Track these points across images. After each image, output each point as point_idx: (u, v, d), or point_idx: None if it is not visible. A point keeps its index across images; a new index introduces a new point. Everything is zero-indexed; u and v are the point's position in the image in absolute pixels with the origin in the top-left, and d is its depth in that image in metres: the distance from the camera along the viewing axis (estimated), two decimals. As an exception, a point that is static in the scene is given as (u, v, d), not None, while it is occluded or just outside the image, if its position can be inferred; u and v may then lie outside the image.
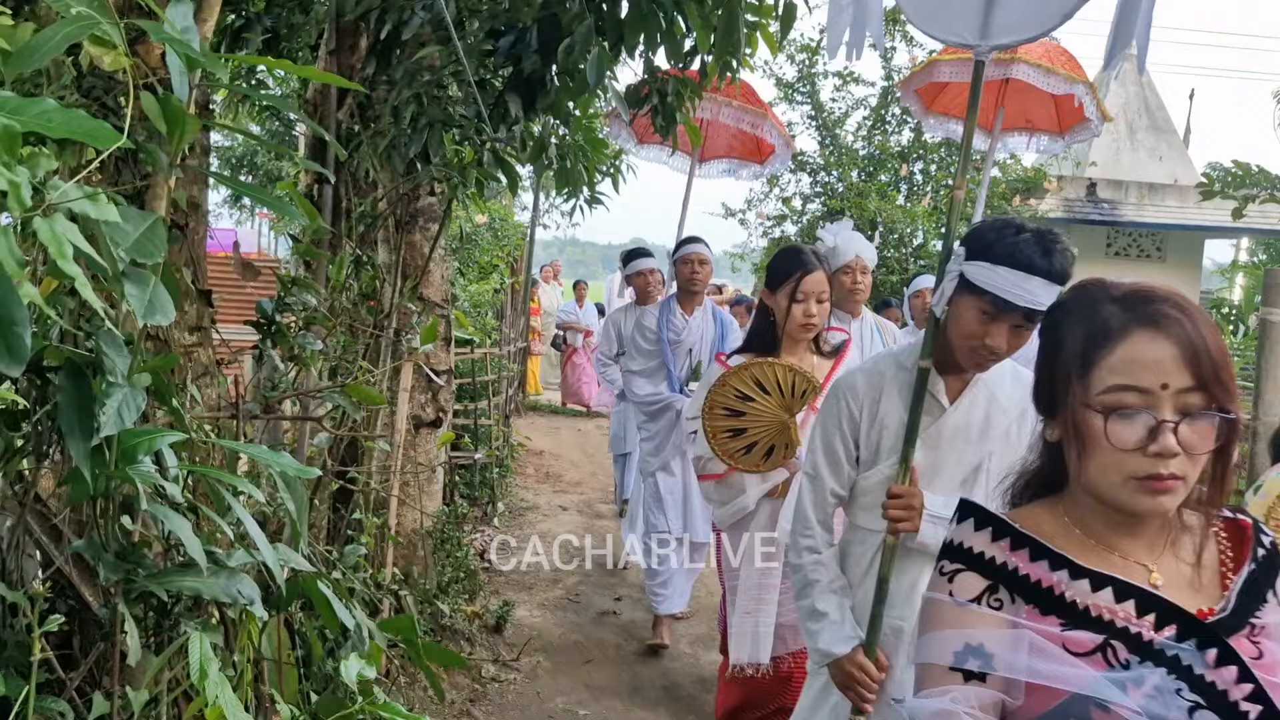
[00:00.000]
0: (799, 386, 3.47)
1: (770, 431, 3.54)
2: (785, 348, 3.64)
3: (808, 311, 3.54)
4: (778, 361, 3.49)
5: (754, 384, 3.48)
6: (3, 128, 1.09)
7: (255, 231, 17.45)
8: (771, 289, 3.63)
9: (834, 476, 2.73)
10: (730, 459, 3.59)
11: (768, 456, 3.59)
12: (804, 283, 3.53)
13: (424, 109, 3.64)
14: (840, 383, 2.76)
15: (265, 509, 2.77)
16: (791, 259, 3.60)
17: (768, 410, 3.50)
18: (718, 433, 3.57)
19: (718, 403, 3.54)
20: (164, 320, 1.49)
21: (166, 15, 1.71)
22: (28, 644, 1.87)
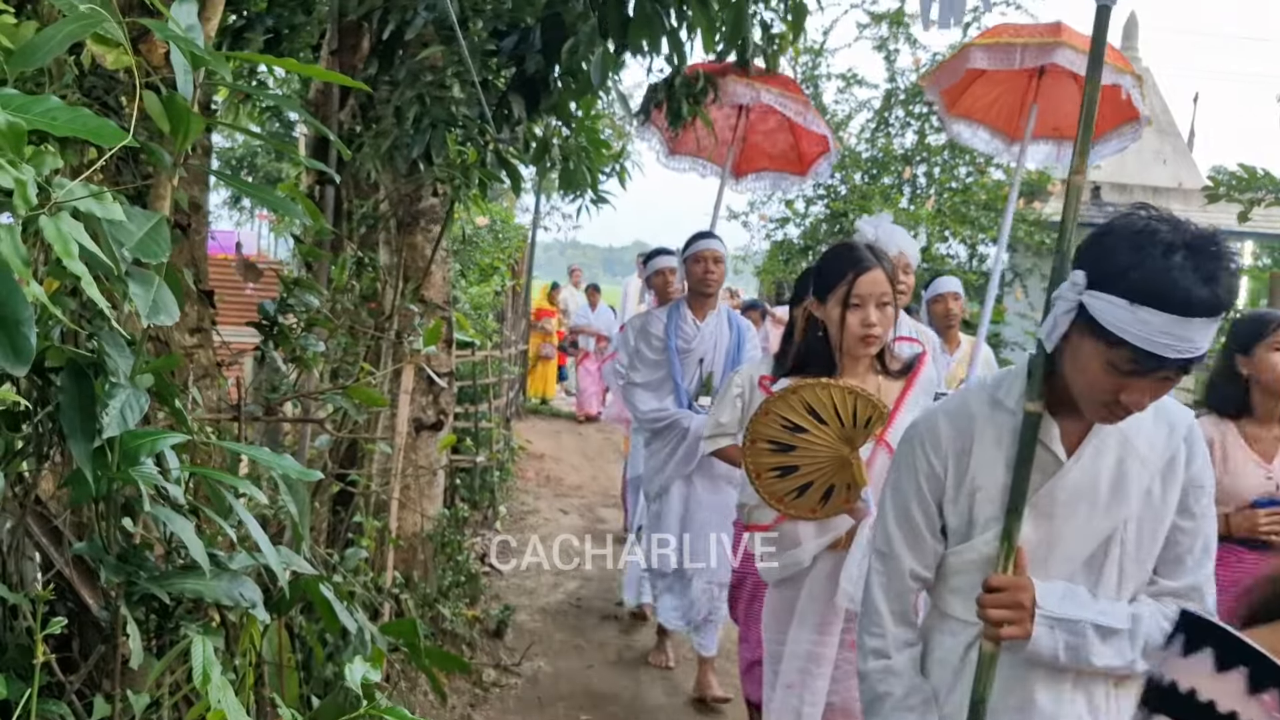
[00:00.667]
0: (862, 412, 2.79)
1: (828, 469, 2.88)
2: (844, 366, 3.02)
3: (866, 320, 2.88)
4: (833, 382, 2.82)
5: (806, 411, 2.82)
6: (8, 125, 1.08)
7: (255, 233, 17.44)
8: (821, 297, 2.99)
9: (912, 553, 2.08)
10: (780, 503, 2.96)
11: (825, 500, 2.93)
12: (859, 284, 2.88)
13: (427, 109, 3.62)
14: (917, 429, 2.08)
15: (265, 511, 2.76)
16: (840, 257, 3.00)
17: (824, 443, 2.84)
18: (763, 471, 2.92)
19: (762, 435, 2.87)
20: (168, 320, 1.48)
21: (171, 14, 1.69)
22: (28, 646, 1.85)
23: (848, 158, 11.37)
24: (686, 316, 5.13)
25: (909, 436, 2.09)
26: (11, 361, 1.05)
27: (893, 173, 11.41)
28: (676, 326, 5.11)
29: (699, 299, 5.10)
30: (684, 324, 5.11)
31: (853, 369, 3.01)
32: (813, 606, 3.11)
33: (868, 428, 2.82)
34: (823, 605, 3.09)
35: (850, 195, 10.97)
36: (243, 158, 14.07)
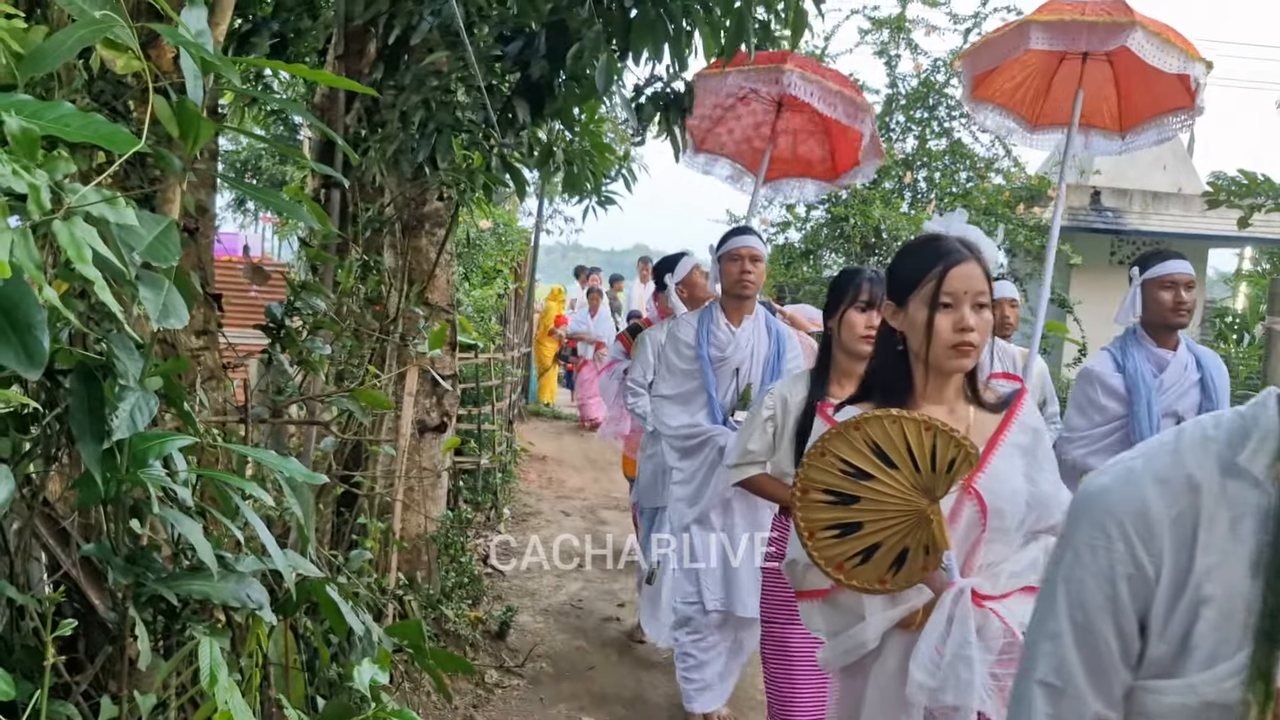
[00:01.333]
0: (944, 453, 2.22)
1: (901, 527, 2.27)
2: (926, 391, 2.41)
3: (960, 322, 2.29)
4: (905, 414, 2.24)
5: (872, 451, 2.23)
6: (22, 131, 1.09)
7: (259, 235, 17.48)
8: (899, 299, 2.40)
9: (1097, 690, 1.36)
10: (839, 571, 2.31)
11: (897, 566, 2.30)
12: (950, 279, 2.30)
13: (432, 114, 3.64)
14: (1109, 500, 1.35)
15: (271, 512, 2.77)
16: (925, 249, 2.41)
17: (896, 493, 2.25)
18: (817, 530, 2.30)
19: (816, 483, 2.29)
20: (178, 324, 1.49)
21: (181, 19, 1.71)
22: (35, 648, 1.87)
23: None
24: (720, 321, 4.57)
25: (1094, 511, 1.36)
26: (25, 365, 1.06)
27: (894, 177, 11.42)
28: (709, 332, 4.56)
29: (734, 302, 4.54)
30: (717, 330, 4.56)
31: (938, 392, 2.40)
32: (883, 705, 2.43)
33: (951, 473, 2.24)
34: (895, 702, 2.40)
35: (851, 199, 10.97)
36: (247, 160, 14.10)
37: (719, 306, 4.59)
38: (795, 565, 2.51)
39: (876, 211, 10.47)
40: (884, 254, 10.54)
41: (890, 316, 2.43)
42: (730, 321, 4.56)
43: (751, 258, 4.43)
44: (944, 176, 11.47)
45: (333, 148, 3.97)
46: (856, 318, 3.31)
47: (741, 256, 4.42)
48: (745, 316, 4.56)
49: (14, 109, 1.16)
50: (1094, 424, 4.06)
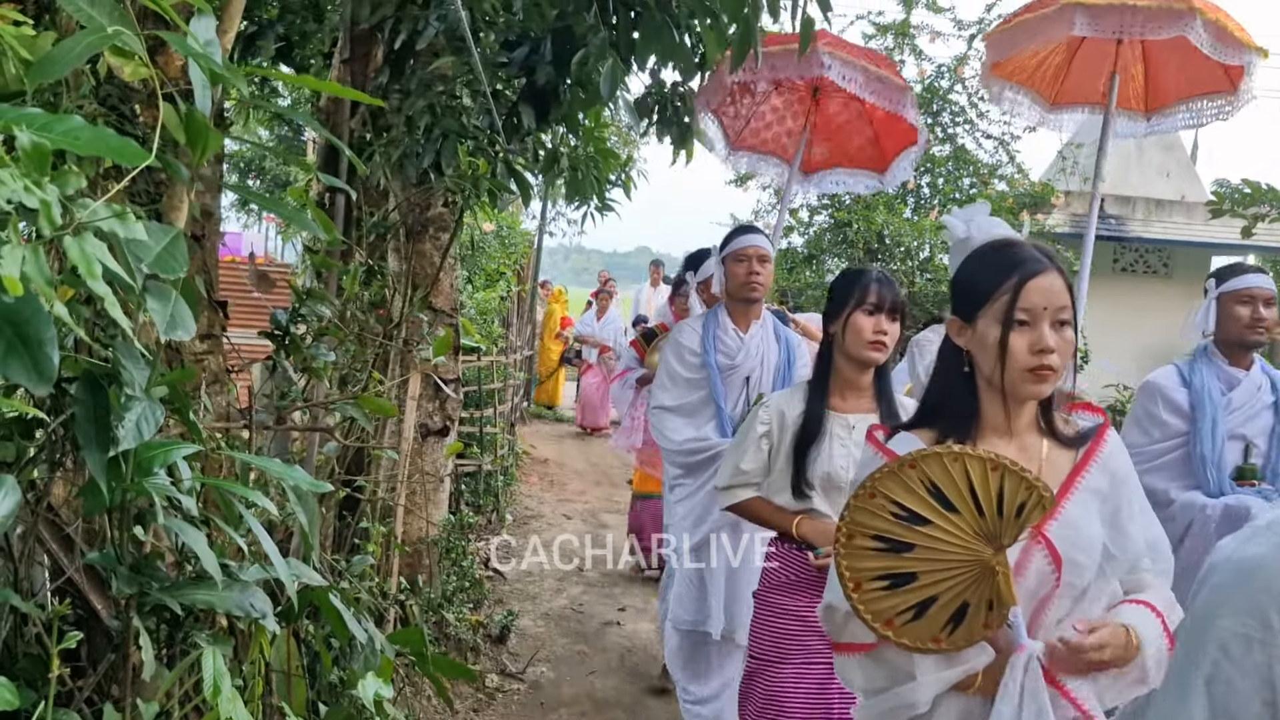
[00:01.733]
0: (1012, 496, 1.93)
1: (961, 579, 1.97)
2: (995, 420, 2.10)
3: (1039, 343, 1.97)
4: (971, 452, 1.95)
5: (929, 493, 1.95)
6: (33, 145, 1.09)
7: (262, 235, 17.48)
8: (967, 315, 2.09)
9: None
10: (888, 627, 2.01)
11: (954, 623, 1.99)
12: (1028, 293, 1.98)
13: (438, 119, 3.64)
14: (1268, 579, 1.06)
15: (273, 518, 2.77)
16: (998, 258, 2.08)
17: (956, 541, 1.96)
18: (864, 580, 2.01)
19: (865, 528, 2.00)
20: (185, 335, 1.49)
21: (190, 29, 1.71)
22: (38, 655, 1.87)
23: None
24: (727, 326, 4.24)
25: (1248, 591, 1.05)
26: (35, 381, 1.06)
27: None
28: (715, 338, 4.23)
29: (741, 305, 4.22)
30: (724, 335, 4.23)
31: (1008, 423, 2.10)
32: None
33: (1020, 518, 1.94)
34: None
35: (854, 204, 10.99)
36: (251, 161, 14.10)
37: (724, 311, 4.27)
38: (834, 613, 2.17)
39: (879, 217, 10.48)
40: (886, 259, 10.55)
41: (956, 334, 2.12)
42: (738, 327, 4.24)
43: (759, 258, 4.12)
44: (947, 182, 11.49)
45: (338, 151, 3.97)
46: (864, 321, 3.03)
47: (748, 257, 4.12)
48: (753, 321, 4.26)
49: (24, 122, 1.16)
50: (1153, 440, 3.73)
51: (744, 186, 12.09)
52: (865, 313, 3.05)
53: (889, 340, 3.07)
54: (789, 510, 3.15)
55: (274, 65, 4.66)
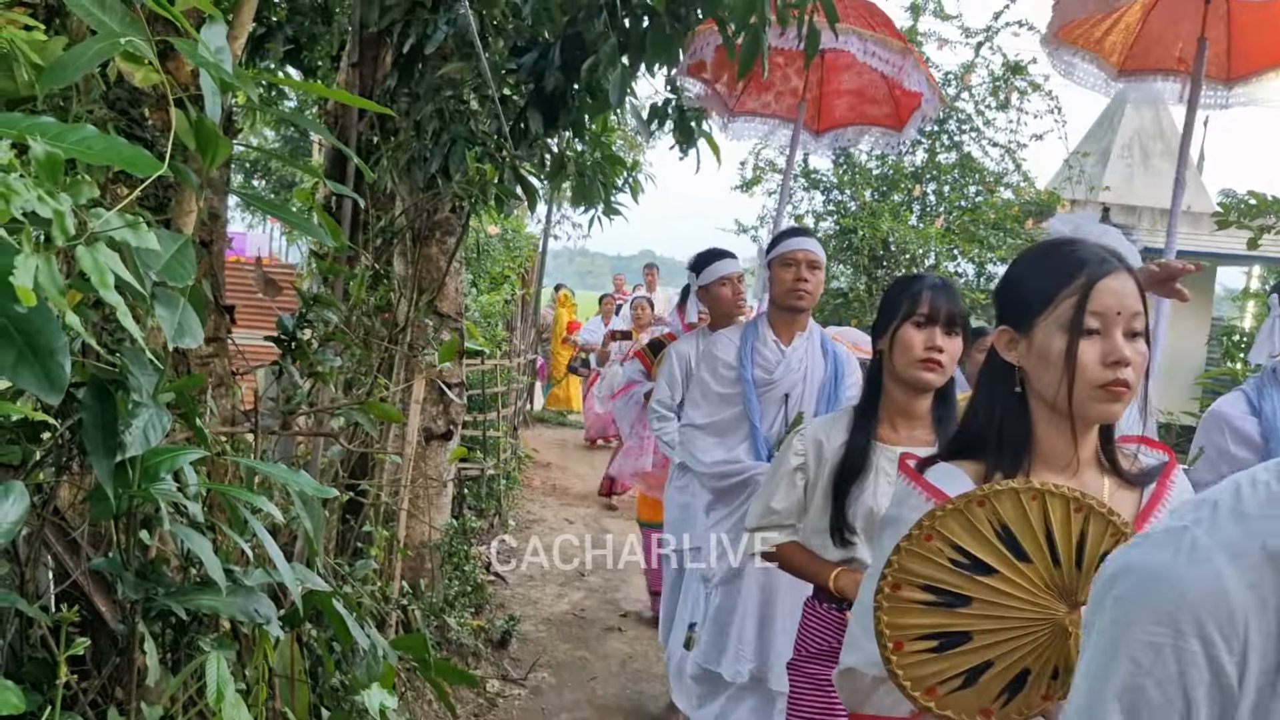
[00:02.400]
0: (1096, 543, 1.63)
1: (1025, 641, 1.65)
2: (1050, 449, 1.78)
3: (1113, 353, 1.68)
4: (1054, 488, 1.63)
5: (998, 537, 1.65)
6: (46, 155, 1.10)
7: (266, 236, 17.49)
8: (1019, 324, 1.78)
9: None
10: (928, 696, 1.70)
11: (1009, 693, 1.69)
12: (1098, 294, 1.69)
13: (446, 124, 3.65)
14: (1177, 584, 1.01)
15: (278, 523, 2.77)
16: (1058, 257, 1.77)
17: (1024, 594, 1.64)
18: (908, 640, 1.70)
19: (914, 577, 1.69)
20: (193, 343, 1.50)
21: (201, 36, 1.71)
22: (44, 659, 1.87)
23: (858, 174, 11.40)
24: (767, 339, 3.85)
25: (1156, 598, 1.02)
26: (46, 390, 1.06)
27: (902, 190, 11.42)
28: (753, 351, 3.85)
29: (786, 315, 3.82)
30: (764, 348, 3.84)
31: (1066, 453, 1.77)
32: None
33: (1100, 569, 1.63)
34: None
35: (860, 212, 10.98)
36: (256, 161, 14.12)
37: (766, 321, 3.89)
38: (858, 678, 1.88)
39: (885, 224, 10.48)
40: (892, 266, 10.55)
41: (1005, 347, 1.80)
42: (779, 339, 3.84)
43: (809, 263, 3.71)
44: (953, 190, 11.48)
45: (345, 155, 3.98)
46: (914, 336, 2.58)
47: (797, 261, 3.70)
48: (798, 333, 3.85)
49: (38, 132, 1.16)
50: (1221, 478, 3.32)
51: (750, 192, 12.09)
52: (915, 325, 2.59)
53: (946, 359, 2.59)
54: (827, 560, 2.72)
55: (282, 67, 4.67)
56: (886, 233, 10.46)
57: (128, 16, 1.67)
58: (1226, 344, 13.70)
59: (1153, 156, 14.87)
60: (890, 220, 10.62)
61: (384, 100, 3.91)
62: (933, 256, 10.53)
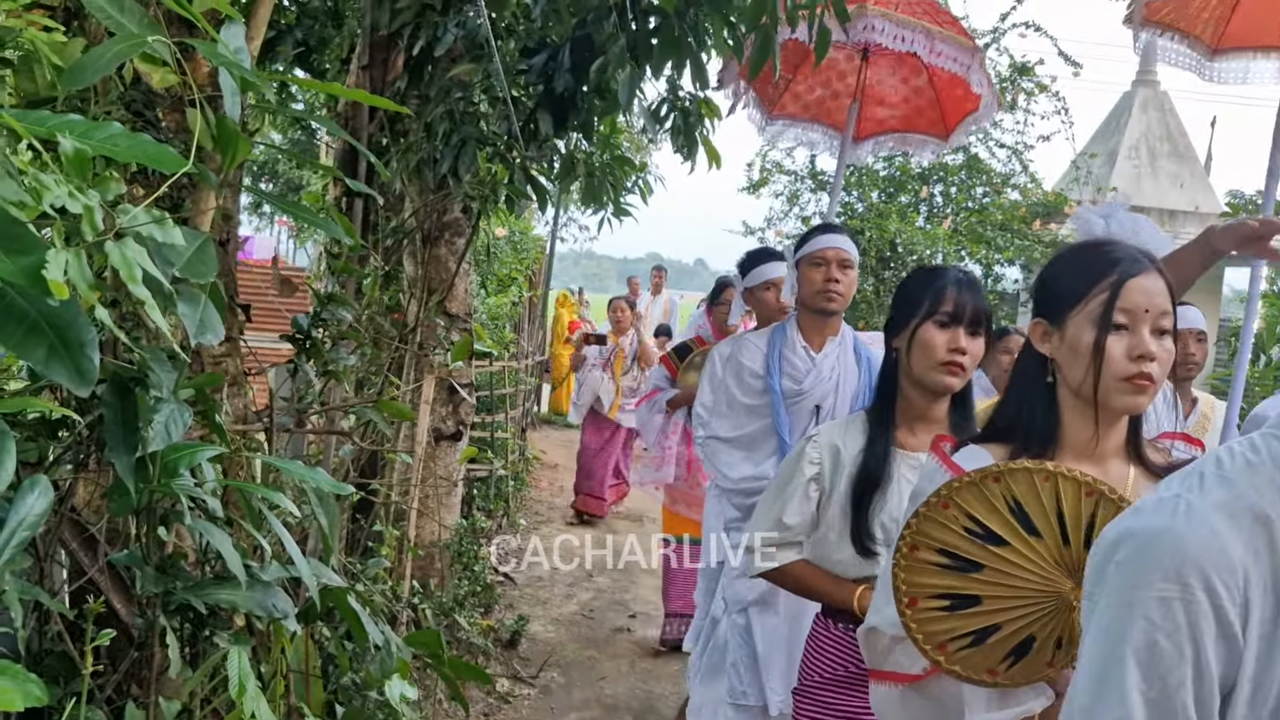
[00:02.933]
0: (1104, 524, 1.58)
1: (1031, 610, 1.77)
2: (1078, 438, 1.86)
3: (1139, 348, 1.76)
4: (1067, 471, 1.74)
5: (1011, 511, 1.76)
6: (75, 152, 1.12)
7: (273, 239, 17.55)
8: (1053, 319, 1.87)
9: None
10: (940, 652, 1.81)
11: (1015, 657, 1.79)
12: (1128, 292, 1.77)
13: (456, 126, 3.67)
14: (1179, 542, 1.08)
15: (291, 519, 2.79)
16: (1093, 256, 1.85)
17: (1033, 567, 1.76)
18: (922, 597, 1.83)
19: (931, 540, 1.82)
20: (214, 339, 1.52)
21: (220, 36, 1.73)
22: (62, 653, 1.89)
23: (865, 176, 11.41)
24: (795, 343, 3.53)
25: (1159, 556, 1.07)
26: (76, 382, 1.08)
27: (910, 191, 11.43)
28: (781, 358, 3.54)
29: (816, 319, 3.51)
30: (792, 355, 3.53)
31: (1093, 442, 1.85)
32: None
33: None
34: None
35: (867, 213, 10.99)
36: (264, 164, 14.15)
37: (795, 325, 3.56)
38: (878, 636, 1.96)
39: (892, 225, 10.49)
40: (899, 268, 10.55)
41: (1039, 339, 1.89)
42: (809, 344, 3.53)
43: (840, 262, 3.39)
44: (960, 191, 11.48)
45: (356, 155, 4.00)
46: (935, 336, 2.41)
47: (827, 260, 3.39)
48: (829, 338, 3.53)
49: (66, 129, 1.18)
50: None
51: (757, 194, 12.10)
52: (938, 325, 2.41)
53: (968, 361, 2.43)
54: (846, 578, 2.51)
55: (291, 70, 4.70)
56: (894, 234, 10.47)
57: (146, 18, 1.69)
58: (1234, 344, 13.67)
59: (1160, 158, 14.86)
60: (897, 221, 10.63)
61: (394, 102, 3.94)
62: (940, 258, 10.53)
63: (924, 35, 4.01)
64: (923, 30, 4.01)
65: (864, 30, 3.96)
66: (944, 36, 4.04)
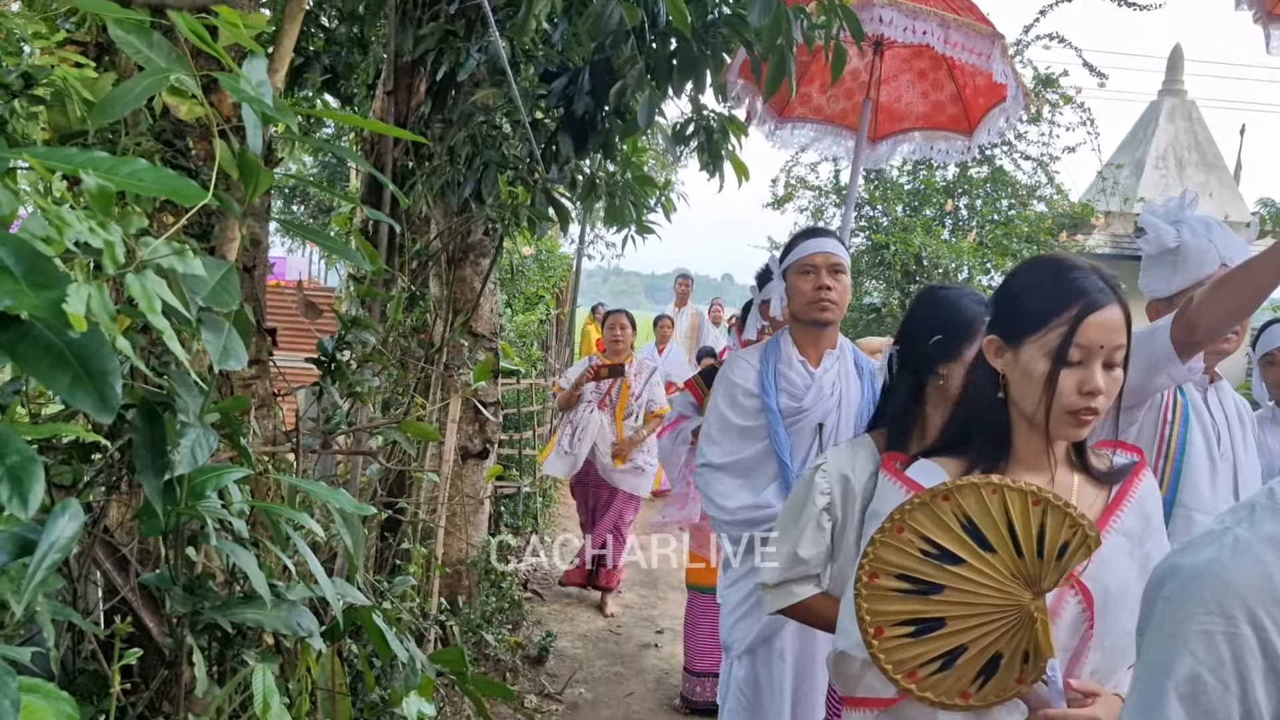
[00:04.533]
0: (1055, 534, 1.73)
1: (994, 626, 1.77)
2: (1025, 450, 1.91)
3: (1088, 384, 1.79)
4: (1012, 483, 1.75)
5: (963, 529, 1.77)
6: (99, 189, 1.16)
7: (306, 259, 17.70)
8: (1008, 336, 1.89)
9: None
10: (911, 680, 1.81)
11: (985, 676, 1.80)
12: (1086, 329, 1.79)
13: (479, 149, 3.73)
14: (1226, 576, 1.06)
15: (318, 539, 2.84)
16: (1055, 283, 1.85)
17: (991, 582, 1.76)
18: (886, 626, 1.81)
19: (889, 566, 1.81)
20: (237, 365, 1.56)
21: (243, 70, 1.79)
22: (95, 671, 1.94)
23: (889, 190, 11.41)
24: (791, 358, 3.28)
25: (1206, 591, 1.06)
26: (99, 410, 1.13)
27: (934, 205, 11.42)
28: (777, 375, 3.26)
29: (810, 331, 3.28)
30: (789, 371, 3.27)
31: (1039, 454, 1.90)
32: None
33: (1062, 560, 1.73)
34: None
35: (891, 227, 10.99)
36: (296, 187, 14.32)
37: (789, 339, 3.33)
38: (849, 661, 1.95)
39: (917, 239, 10.48)
40: (924, 281, 10.54)
41: (993, 354, 1.90)
42: (805, 358, 3.29)
43: (830, 267, 3.17)
44: (985, 204, 11.46)
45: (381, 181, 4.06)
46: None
47: (815, 267, 3.18)
48: (826, 351, 3.30)
49: (91, 166, 1.23)
50: None
51: (781, 209, 12.13)
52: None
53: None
54: None
55: (319, 96, 4.78)
56: (919, 248, 10.46)
57: (174, 53, 1.74)
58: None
59: (1187, 167, 14.75)
60: (922, 235, 10.62)
61: (418, 126, 4.00)
62: (966, 270, 10.51)
63: (938, 24, 3.81)
64: (936, 18, 3.81)
65: (871, 22, 3.78)
66: (959, 24, 3.82)
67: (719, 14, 3.71)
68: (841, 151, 5.04)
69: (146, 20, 1.58)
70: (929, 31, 3.79)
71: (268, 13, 3.70)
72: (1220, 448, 2.78)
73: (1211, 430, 2.77)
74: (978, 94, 4.60)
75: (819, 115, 4.86)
